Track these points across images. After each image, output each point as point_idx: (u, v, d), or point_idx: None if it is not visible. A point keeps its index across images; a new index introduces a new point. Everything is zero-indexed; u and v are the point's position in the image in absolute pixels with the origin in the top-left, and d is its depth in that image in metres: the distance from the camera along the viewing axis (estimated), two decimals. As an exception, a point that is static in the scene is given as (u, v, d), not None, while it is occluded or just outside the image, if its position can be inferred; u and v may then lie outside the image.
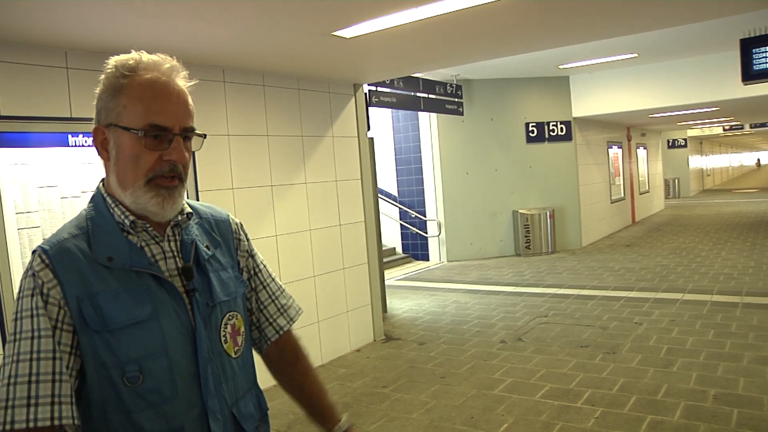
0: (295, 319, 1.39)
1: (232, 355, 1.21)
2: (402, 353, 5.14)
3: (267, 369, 1.40)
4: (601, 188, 12.13)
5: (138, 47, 1.20)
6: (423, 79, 8.03)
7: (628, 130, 14.34)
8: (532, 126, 10.27)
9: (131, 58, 1.11)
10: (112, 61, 1.12)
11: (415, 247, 10.37)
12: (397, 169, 10.46)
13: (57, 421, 0.99)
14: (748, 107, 11.54)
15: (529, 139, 10.28)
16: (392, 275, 8.93)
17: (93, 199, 1.16)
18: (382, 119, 10.27)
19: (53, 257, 1.06)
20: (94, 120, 1.14)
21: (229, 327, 1.21)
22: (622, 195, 13.60)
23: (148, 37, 3.23)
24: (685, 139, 22.32)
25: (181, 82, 1.14)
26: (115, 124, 1.10)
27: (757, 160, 53.14)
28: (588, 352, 4.79)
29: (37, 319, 1.03)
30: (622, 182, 13.59)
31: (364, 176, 5.52)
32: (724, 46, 7.91)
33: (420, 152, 10.10)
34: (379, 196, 8.40)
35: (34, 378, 1.00)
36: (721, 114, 12.92)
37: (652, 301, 6.33)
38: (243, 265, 1.32)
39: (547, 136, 10.36)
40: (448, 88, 8.78)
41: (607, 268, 8.47)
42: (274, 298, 1.36)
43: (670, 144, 22.51)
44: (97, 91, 1.13)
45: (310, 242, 4.92)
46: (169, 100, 1.10)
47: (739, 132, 22.28)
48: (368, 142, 5.71)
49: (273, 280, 1.38)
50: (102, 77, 1.12)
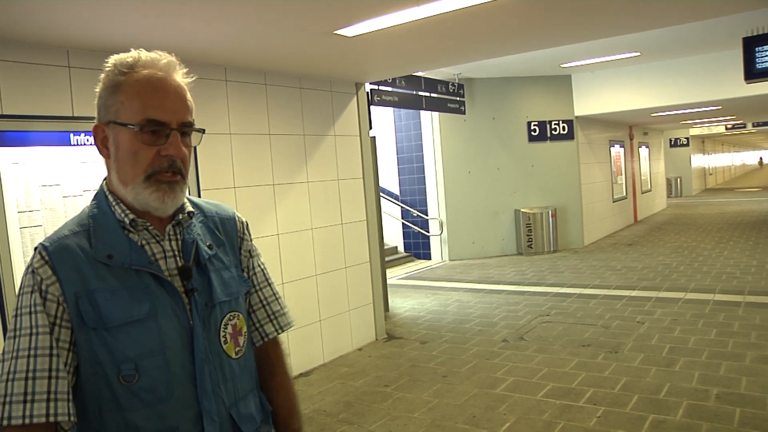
0: (285, 329, 1.35)
1: (233, 356, 1.20)
2: (404, 352, 5.14)
3: None
4: (603, 187, 12.10)
5: (139, 46, 1.20)
6: (425, 78, 8.02)
7: (630, 128, 14.31)
8: (534, 125, 10.26)
9: (130, 56, 1.12)
10: (112, 60, 1.12)
11: (417, 246, 10.37)
12: (399, 168, 10.45)
13: (52, 418, 1.00)
14: (751, 106, 11.51)
15: (531, 138, 10.27)
16: (394, 274, 8.92)
17: (96, 197, 1.17)
18: (383, 118, 10.26)
19: (53, 254, 1.06)
20: (95, 118, 1.15)
21: (230, 327, 1.20)
22: (624, 194, 13.57)
23: (150, 36, 3.23)
24: (687, 138, 22.27)
25: (180, 77, 1.14)
26: (113, 121, 1.10)
27: (760, 159, 52.92)
28: (590, 351, 4.79)
29: (35, 316, 1.03)
30: (624, 181, 13.56)
31: (366, 175, 5.52)
32: (727, 45, 7.88)
33: (422, 151, 10.09)
34: (381, 194, 8.40)
35: (31, 375, 1.00)
36: (724, 113, 12.89)
37: (654, 300, 6.32)
38: (244, 265, 1.31)
39: (549, 135, 10.34)
40: (450, 87, 8.77)
41: (609, 267, 8.46)
42: (265, 303, 1.32)
43: (673, 143, 22.47)
44: (98, 90, 1.14)
45: (312, 241, 4.92)
46: (166, 96, 1.10)
47: (741, 131, 22.24)
48: (370, 140, 5.71)
49: (269, 285, 1.35)
50: (102, 75, 1.13)
